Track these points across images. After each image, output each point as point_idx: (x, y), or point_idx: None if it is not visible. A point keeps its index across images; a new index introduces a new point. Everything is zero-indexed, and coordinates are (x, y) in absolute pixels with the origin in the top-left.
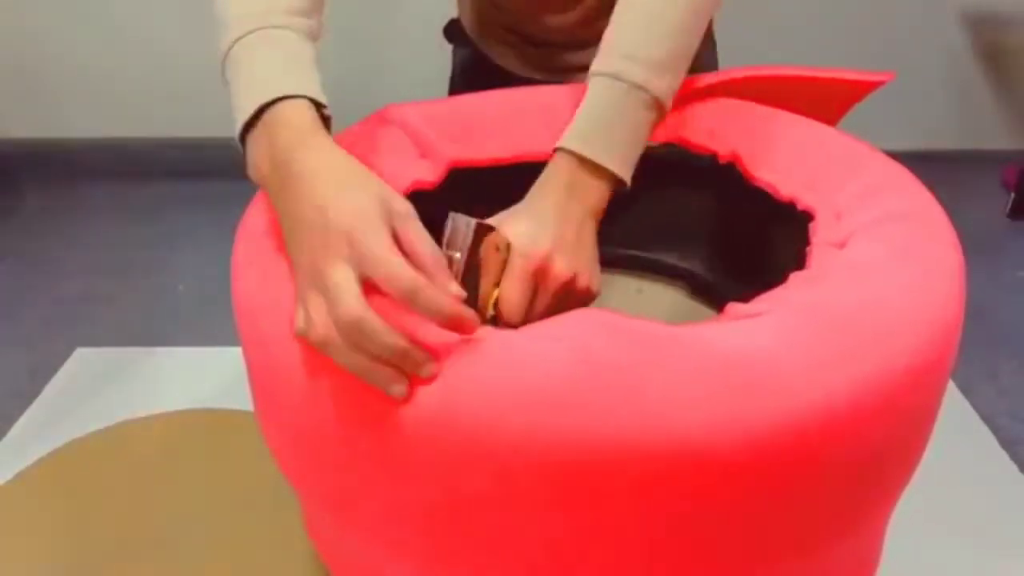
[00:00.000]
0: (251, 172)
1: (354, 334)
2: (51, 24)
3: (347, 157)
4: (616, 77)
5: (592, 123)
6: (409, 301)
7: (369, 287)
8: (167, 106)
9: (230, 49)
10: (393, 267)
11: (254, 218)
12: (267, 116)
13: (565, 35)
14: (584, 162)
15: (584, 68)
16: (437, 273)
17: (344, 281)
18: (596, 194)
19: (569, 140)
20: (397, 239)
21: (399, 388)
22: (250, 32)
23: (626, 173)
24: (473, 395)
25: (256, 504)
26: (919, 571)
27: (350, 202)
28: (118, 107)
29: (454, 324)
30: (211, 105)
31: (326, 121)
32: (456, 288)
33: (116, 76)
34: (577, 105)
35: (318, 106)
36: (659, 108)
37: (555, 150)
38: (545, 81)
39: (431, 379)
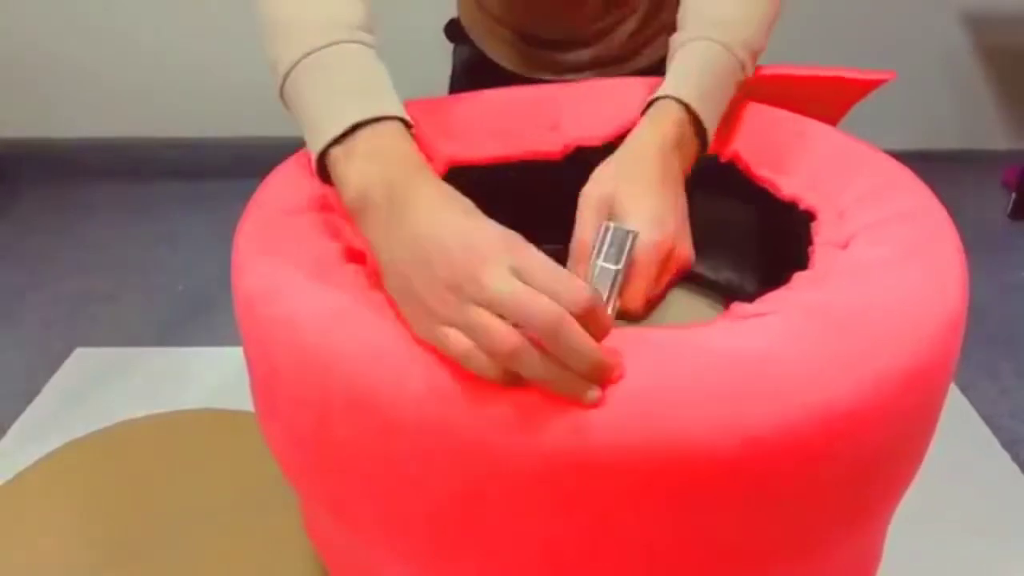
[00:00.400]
0: (348, 192)
1: (551, 340)
2: (48, 23)
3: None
4: (728, 49)
5: (705, 82)
6: (552, 336)
7: None
8: (165, 105)
9: (299, 61)
10: (538, 301)
11: (254, 214)
12: (365, 136)
13: (571, 32)
14: (694, 119)
15: (582, 68)
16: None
17: (517, 287)
18: (691, 153)
19: (684, 92)
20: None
21: (594, 393)
22: (325, 46)
23: (708, 143)
24: (470, 395)
25: (256, 504)
26: (920, 572)
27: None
28: (116, 106)
29: (594, 374)
30: (209, 104)
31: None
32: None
33: (114, 75)
34: (576, 103)
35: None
36: (736, 92)
37: (662, 97)
38: (545, 81)
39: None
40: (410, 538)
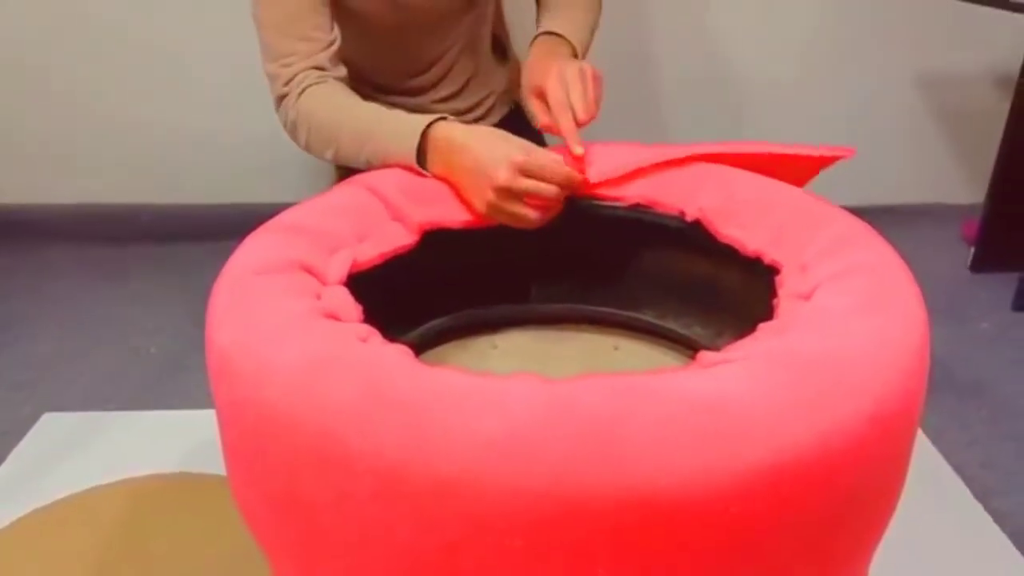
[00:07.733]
0: (431, 166)
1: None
2: (18, 95)
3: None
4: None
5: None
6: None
7: None
8: (139, 173)
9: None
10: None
11: (230, 273)
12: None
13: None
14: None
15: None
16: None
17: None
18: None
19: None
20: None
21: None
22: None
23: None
24: (441, 448)
25: (227, 571)
26: None
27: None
28: (90, 174)
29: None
30: (183, 171)
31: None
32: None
33: (87, 144)
34: None
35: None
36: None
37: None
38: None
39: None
40: None
